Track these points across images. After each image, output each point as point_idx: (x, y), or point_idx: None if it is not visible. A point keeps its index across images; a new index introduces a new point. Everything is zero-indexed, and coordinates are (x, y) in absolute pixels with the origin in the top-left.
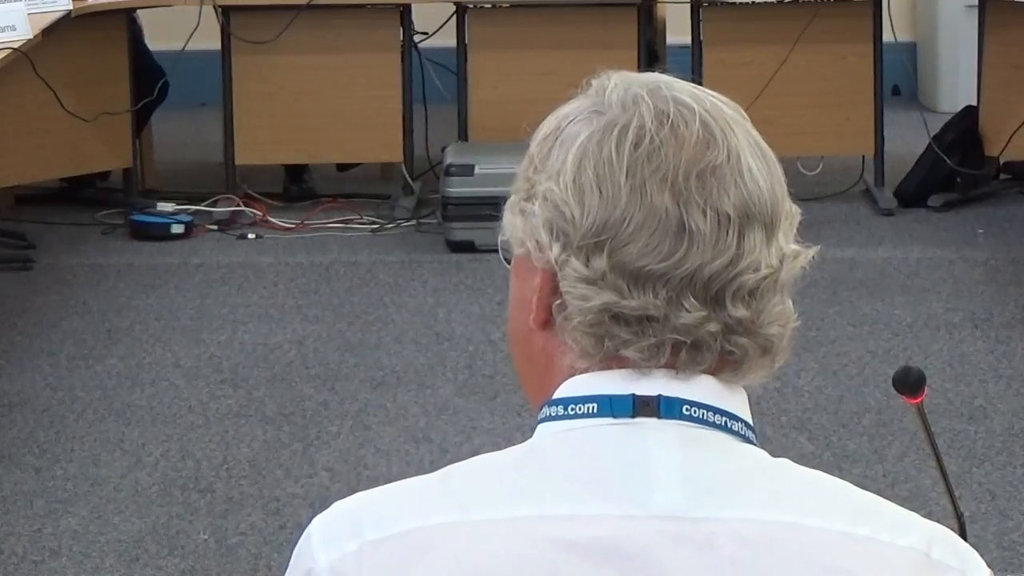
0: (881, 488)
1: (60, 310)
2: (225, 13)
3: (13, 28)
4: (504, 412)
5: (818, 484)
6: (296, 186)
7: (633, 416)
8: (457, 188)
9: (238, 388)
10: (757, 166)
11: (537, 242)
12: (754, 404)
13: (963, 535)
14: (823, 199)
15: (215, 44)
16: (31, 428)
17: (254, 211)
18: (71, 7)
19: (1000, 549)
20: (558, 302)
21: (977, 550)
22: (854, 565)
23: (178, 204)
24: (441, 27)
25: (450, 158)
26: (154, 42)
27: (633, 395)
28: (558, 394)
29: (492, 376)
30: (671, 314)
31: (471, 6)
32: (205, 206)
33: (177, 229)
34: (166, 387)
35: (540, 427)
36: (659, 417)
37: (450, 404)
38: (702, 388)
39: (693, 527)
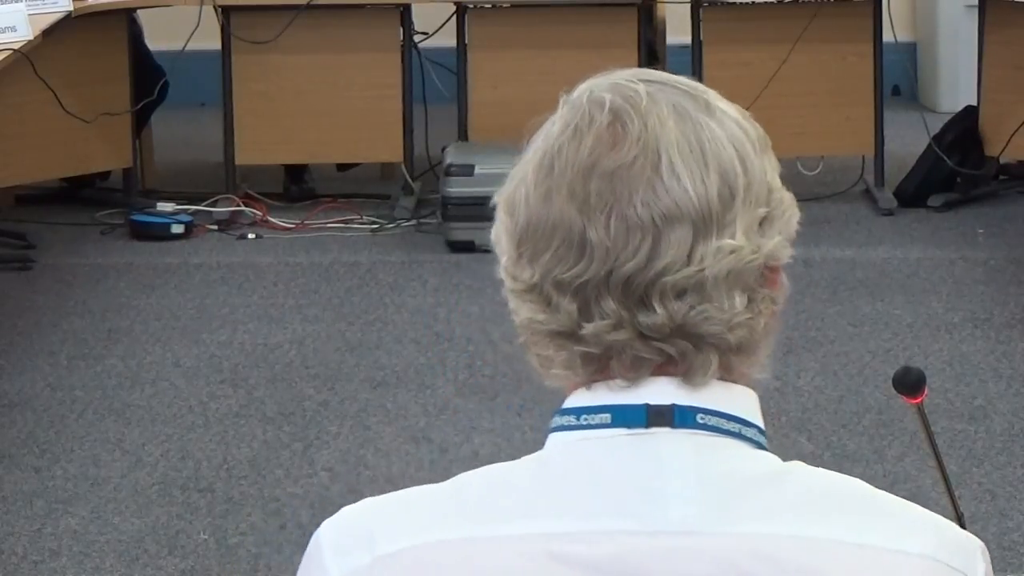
0: (881, 488)
1: (60, 310)
2: (225, 13)
3: (13, 29)
4: (504, 412)
5: (829, 490)
6: (296, 186)
7: (647, 426)
8: (457, 188)
9: (238, 388)
10: (684, 161)
11: (496, 251)
12: None
13: None
14: (823, 199)
15: (215, 44)
16: (31, 428)
17: (254, 211)
18: (71, 7)
19: (1000, 549)
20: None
21: None
22: None
23: (178, 204)
24: (441, 27)
25: (450, 158)
26: (154, 42)
27: (647, 404)
28: (569, 403)
29: (492, 376)
30: (577, 326)
31: (471, 6)
32: (205, 206)
33: (177, 229)
34: (166, 387)
35: (552, 436)
36: (672, 427)
37: (450, 404)
38: (711, 394)
39: (708, 542)
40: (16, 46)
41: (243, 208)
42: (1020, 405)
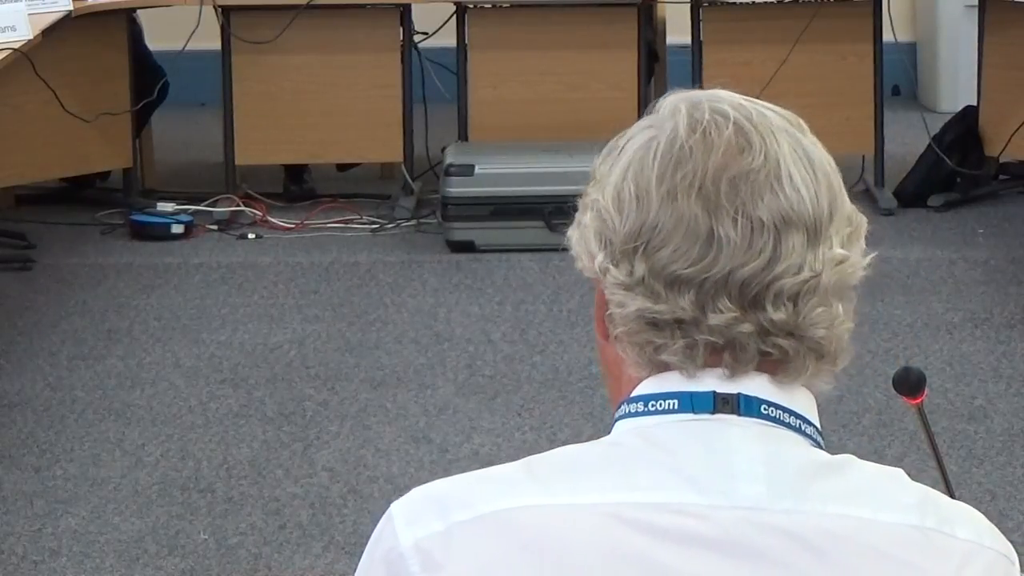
0: None
1: (60, 310)
2: (225, 13)
3: (13, 28)
4: (504, 412)
5: (883, 479)
6: (296, 186)
7: (714, 412)
8: (457, 188)
9: (238, 388)
10: (800, 173)
11: (588, 252)
12: None
13: None
14: None
15: (215, 44)
16: (31, 428)
17: (254, 211)
18: (71, 7)
19: None
20: (608, 312)
21: None
22: (922, 559)
23: (178, 204)
24: (441, 27)
25: (450, 158)
26: (154, 42)
27: (714, 392)
28: (636, 392)
29: (492, 376)
30: (701, 316)
31: (471, 6)
32: (205, 206)
33: (177, 229)
34: (166, 387)
35: (619, 423)
36: (739, 414)
37: (450, 404)
38: (769, 389)
39: (779, 518)
40: (16, 46)
41: (243, 208)
42: (1020, 405)
